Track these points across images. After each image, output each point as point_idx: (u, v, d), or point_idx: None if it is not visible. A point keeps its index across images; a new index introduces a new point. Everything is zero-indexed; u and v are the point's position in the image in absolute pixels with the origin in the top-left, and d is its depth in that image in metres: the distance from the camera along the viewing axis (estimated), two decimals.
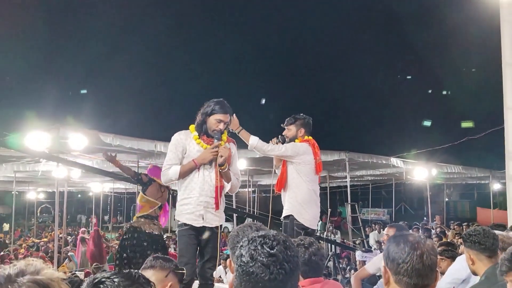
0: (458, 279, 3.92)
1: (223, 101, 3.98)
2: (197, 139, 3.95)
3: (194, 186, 3.89)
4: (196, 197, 3.87)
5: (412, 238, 1.93)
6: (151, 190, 6.53)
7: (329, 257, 10.23)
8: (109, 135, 9.10)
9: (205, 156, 3.87)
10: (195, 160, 3.87)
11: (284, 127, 4.93)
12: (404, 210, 30.88)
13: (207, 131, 3.94)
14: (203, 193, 3.87)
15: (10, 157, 11.52)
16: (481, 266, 3.04)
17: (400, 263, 1.88)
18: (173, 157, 3.93)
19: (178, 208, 3.95)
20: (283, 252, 1.48)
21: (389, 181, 19.32)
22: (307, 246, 2.70)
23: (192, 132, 4.00)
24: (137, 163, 11.68)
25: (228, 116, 3.99)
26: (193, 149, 3.93)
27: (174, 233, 23.55)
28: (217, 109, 3.91)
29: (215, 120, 3.91)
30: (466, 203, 30.71)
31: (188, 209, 3.87)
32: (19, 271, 1.26)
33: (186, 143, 3.95)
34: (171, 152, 3.96)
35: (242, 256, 1.50)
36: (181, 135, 4.01)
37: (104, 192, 23.07)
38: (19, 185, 18.13)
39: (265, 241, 1.51)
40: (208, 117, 3.92)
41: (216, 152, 3.87)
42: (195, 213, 3.85)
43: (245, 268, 1.47)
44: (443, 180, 19.31)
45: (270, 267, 1.45)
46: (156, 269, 2.49)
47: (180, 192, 3.96)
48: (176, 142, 3.97)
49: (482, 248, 3.03)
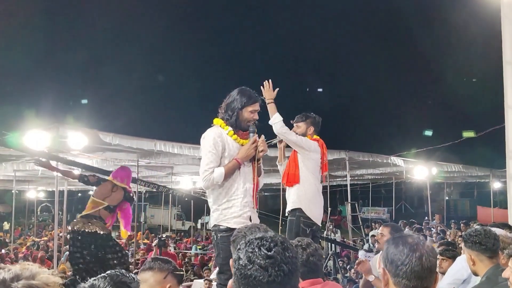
0: (459, 279, 3.90)
1: (249, 90, 3.69)
2: (233, 135, 3.62)
3: (237, 186, 3.60)
4: (241, 198, 3.58)
5: (411, 240, 1.90)
6: (98, 190, 6.53)
7: (329, 256, 10.23)
8: (109, 134, 9.09)
9: (248, 153, 3.59)
10: (237, 158, 3.57)
11: (293, 123, 4.88)
12: (404, 209, 30.87)
13: (241, 124, 3.63)
14: (246, 193, 3.61)
15: (10, 156, 11.51)
16: (482, 267, 3.02)
17: (399, 265, 1.86)
18: (214, 158, 3.55)
19: (220, 212, 3.59)
20: (281, 253, 1.45)
21: (389, 180, 19.32)
22: (304, 247, 2.67)
23: (224, 127, 3.64)
24: (137, 162, 11.66)
25: (259, 104, 3.71)
26: (232, 146, 3.60)
27: (173, 231, 23.57)
28: (249, 99, 3.61)
29: (249, 112, 3.61)
30: (466, 201, 30.72)
31: (235, 212, 3.55)
32: (14, 275, 1.24)
33: (224, 141, 3.60)
34: (211, 153, 3.56)
35: (240, 259, 1.47)
36: (216, 133, 3.60)
37: None
38: (19, 184, 18.11)
39: (263, 243, 1.48)
40: (240, 110, 3.60)
41: (256, 146, 3.63)
42: (243, 216, 3.56)
43: (243, 271, 1.45)
44: (443, 179, 19.29)
45: (268, 269, 1.42)
46: (154, 271, 2.48)
47: (219, 194, 3.61)
48: (214, 141, 3.56)
49: (483, 249, 3.01)
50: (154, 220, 28.00)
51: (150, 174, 15.92)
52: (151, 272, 2.47)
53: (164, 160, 12.43)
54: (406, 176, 16.40)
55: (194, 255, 14.82)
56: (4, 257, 12.78)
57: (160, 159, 11.98)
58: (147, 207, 27.58)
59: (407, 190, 28.67)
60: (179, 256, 12.97)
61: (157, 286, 2.42)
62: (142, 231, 20.17)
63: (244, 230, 2.23)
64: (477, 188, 27.01)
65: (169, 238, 15.09)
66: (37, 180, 18.73)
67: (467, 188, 29.01)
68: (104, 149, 10.74)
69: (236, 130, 3.63)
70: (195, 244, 17.97)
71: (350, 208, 13.29)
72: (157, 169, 14.83)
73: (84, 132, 8.65)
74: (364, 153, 12.85)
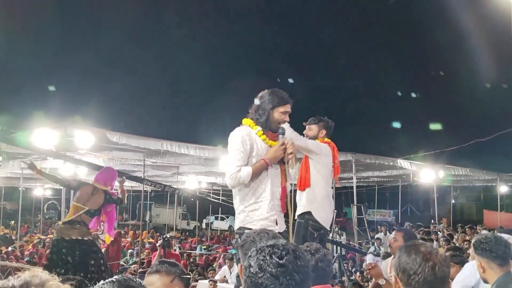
0: (467, 286, 3.87)
1: (281, 91, 3.61)
2: (261, 135, 3.55)
3: (264, 188, 3.52)
4: (268, 200, 3.50)
5: (424, 249, 1.87)
6: (78, 195, 6.40)
7: (335, 259, 10.18)
8: (116, 134, 9.11)
9: (277, 154, 3.52)
10: (265, 159, 3.50)
11: (305, 125, 4.85)
12: (410, 212, 30.73)
13: (271, 125, 3.55)
14: (273, 196, 3.53)
15: (18, 154, 11.55)
16: (492, 274, 2.98)
17: (412, 274, 1.84)
18: (242, 157, 3.46)
19: (246, 214, 3.51)
20: (292, 262, 1.44)
21: (395, 182, 19.23)
22: (313, 252, 2.65)
23: (253, 127, 3.56)
24: (143, 161, 11.68)
25: (290, 105, 3.62)
26: (261, 146, 3.53)
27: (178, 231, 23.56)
28: (280, 100, 3.55)
29: (279, 113, 3.54)
30: (473, 205, 30.52)
31: (261, 214, 3.48)
32: (23, 283, 1.22)
33: (252, 140, 3.52)
34: (239, 151, 3.46)
35: (251, 266, 1.46)
36: (245, 132, 3.53)
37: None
38: (26, 181, 18.19)
39: (274, 250, 1.46)
40: (271, 110, 3.53)
41: (285, 149, 3.55)
42: (270, 219, 3.49)
43: (254, 279, 1.43)
44: (450, 182, 19.19)
45: (280, 278, 1.41)
46: (161, 274, 2.46)
47: (245, 195, 3.53)
48: (243, 140, 3.47)
49: (493, 256, 2.98)
50: (159, 219, 28.04)
51: (156, 173, 15.95)
52: (158, 275, 2.45)
53: (170, 160, 12.45)
54: (413, 179, 16.33)
55: (199, 255, 14.82)
56: (10, 254, 12.81)
57: (166, 158, 12.00)
58: (152, 206, 27.60)
59: (413, 193, 28.51)
60: (184, 256, 12.96)
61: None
62: (147, 230, 20.22)
63: (253, 235, 2.19)
64: (484, 191, 26.84)
65: (174, 238, 15.06)
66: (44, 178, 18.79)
67: (473, 191, 28.83)
68: (111, 148, 10.77)
69: (265, 131, 3.56)
70: (200, 244, 17.97)
71: (356, 211, 13.23)
72: (163, 168, 14.85)
73: (92, 131, 8.68)
74: (370, 156, 12.80)
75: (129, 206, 30.53)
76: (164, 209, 25.07)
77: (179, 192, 12.24)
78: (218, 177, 17.81)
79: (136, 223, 24.58)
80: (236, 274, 3.66)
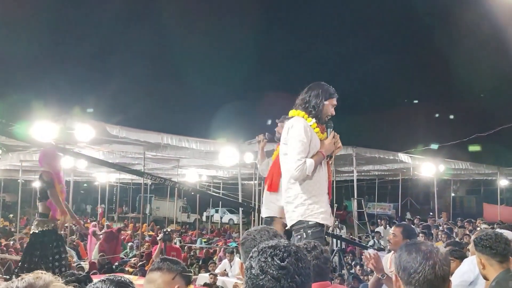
0: (466, 281, 3.86)
1: (326, 84, 3.59)
2: (315, 128, 3.49)
3: (320, 180, 3.47)
4: (325, 193, 3.50)
5: (425, 248, 1.87)
6: None
7: (335, 253, 10.20)
8: (116, 127, 9.09)
9: (330, 147, 3.50)
10: (322, 151, 3.45)
11: (278, 123, 4.68)
12: (410, 205, 30.78)
13: (322, 118, 3.51)
14: (325, 189, 3.52)
15: (17, 147, 11.56)
16: (492, 271, 2.98)
17: (412, 273, 1.83)
18: (305, 148, 3.37)
19: (306, 207, 3.42)
20: (294, 264, 1.43)
21: (396, 176, 19.22)
22: (310, 250, 2.64)
23: (307, 119, 3.49)
24: (143, 154, 11.67)
25: None
26: (315, 139, 3.47)
27: (179, 224, 23.60)
28: (332, 93, 3.52)
29: (330, 106, 3.50)
30: (473, 198, 30.56)
31: (321, 207, 3.44)
32: (27, 284, 1.22)
33: (312, 132, 3.45)
34: (301, 142, 3.37)
35: (252, 268, 1.45)
36: (305, 123, 3.45)
37: (110, 183, 23.10)
38: (25, 174, 18.18)
39: (276, 252, 1.45)
40: (326, 102, 3.48)
41: (334, 142, 3.54)
42: (327, 212, 3.46)
43: (255, 281, 1.42)
44: (450, 176, 19.19)
45: (281, 280, 1.40)
46: (163, 271, 2.45)
47: (303, 188, 3.44)
48: (305, 131, 3.39)
49: (493, 253, 2.98)
50: (160, 212, 28.09)
51: (156, 166, 15.95)
52: (160, 272, 2.45)
53: (170, 153, 12.44)
54: (413, 173, 16.32)
55: (199, 248, 14.85)
56: (9, 247, 12.84)
57: (167, 152, 11.99)
58: (152, 199, 27.65)
59: (413, 186, 28.55)
60: (184, 249, 12.99)
61: (165, 287, 2.40)
62: (147, 223, 20.25)
63: (254, 233, 2.17)
64: (484, 185, 26.86)
65: (174, 232, 15.09)
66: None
67: (473, 185, 28.85)
68: (111, 142, 10.75)
69: (318, 124, 3.52)
70: (200, 237, 18.01)
71: (356, 204, 13.24)
72: (163, 161, 14.84)
73: (92, 125, 8.65)
74: (371, 150, 12.78)
75: (129, 199, 30.60)
76: (164, 202, 25.12)
77: (179, 186, 12.23)
78: (219, 170, 17.81)
79: (136, 216, 24.64)
80: None
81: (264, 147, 5.16)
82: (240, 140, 11.11)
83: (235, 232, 20.74)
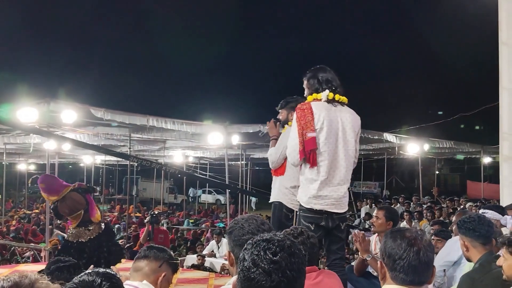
0: (449, 261, 3.94)
1: None
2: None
3: None
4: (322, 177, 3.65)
5: (409, 234, 1.89)
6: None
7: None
8: (100, 110, 8.99)
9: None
10: None
11: (278, 110, 4.67)
12: (395, 183, 31.13)
13: None
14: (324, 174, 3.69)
15: (0, 130, 11.39)
16: (476, 253, 3.03)
17: (397, 259, 1.86)
18: None
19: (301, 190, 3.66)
20: (286, 259, 1.43)
21: (381, 155, 19.39)
22: (296, 235, 2.65)
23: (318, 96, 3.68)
24: (129, 137, 11.59)
25: None
26: None
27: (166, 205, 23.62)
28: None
29: None
30: (456, 176, 31.04)
31: (312, 191, 3.60)
32: (13, 284, 1.20)
33: None
34: None
35: (245, 260, 1.45)
36: None
37: (96, 164, 22.97)
38: (9, 156, 17.99)
39: (269, 246, 1.45)
40: None
41: None
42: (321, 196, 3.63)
43: (247, 274, 1.43)
44: (434, 155, 19.41)
45: (272, 274, 1.40)
46: (149, 259, 2.46)
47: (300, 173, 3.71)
48: None
49: (476, 235, 3.02)
50: (146, 193, 28.02)
51: (143, 148, 15.87)
52: (146, 260, 2.45)
53: (156, 135, 12.37)
54: (398, 152, 16.47)
55: (186, 229, 14.89)
56: None
57: (153, 134, 11.92)
58: (139, 180, 27.56)
59: (398, 165, 28.86)
60: (172, 231, 13.01)
61: (152, 275, 2.40)
62: (134, 204, 20.22)
63: (241, 222, 2.15)
64: (467, 163, 27.24)
65: (161, 214, 15.08)
66: (28, 153, 18.62)
67: (457, 163, 29.25)
68: (96, 124, 10.65)
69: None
70: (188, 218, 18.05)
71: None
72: (150, 143, 14.77)
73: (75, 108, 8.55)
74: None
75: (116, 180, 30.46)
76: (151, 183, 25.04)
77: (166, 168, 12.20)
78: (205, 152, 17.79)
79: (123, 197, 24.55)
80: None
81: None
82: (227, 122, 11.09)
83: (222, 212, 20.84)
